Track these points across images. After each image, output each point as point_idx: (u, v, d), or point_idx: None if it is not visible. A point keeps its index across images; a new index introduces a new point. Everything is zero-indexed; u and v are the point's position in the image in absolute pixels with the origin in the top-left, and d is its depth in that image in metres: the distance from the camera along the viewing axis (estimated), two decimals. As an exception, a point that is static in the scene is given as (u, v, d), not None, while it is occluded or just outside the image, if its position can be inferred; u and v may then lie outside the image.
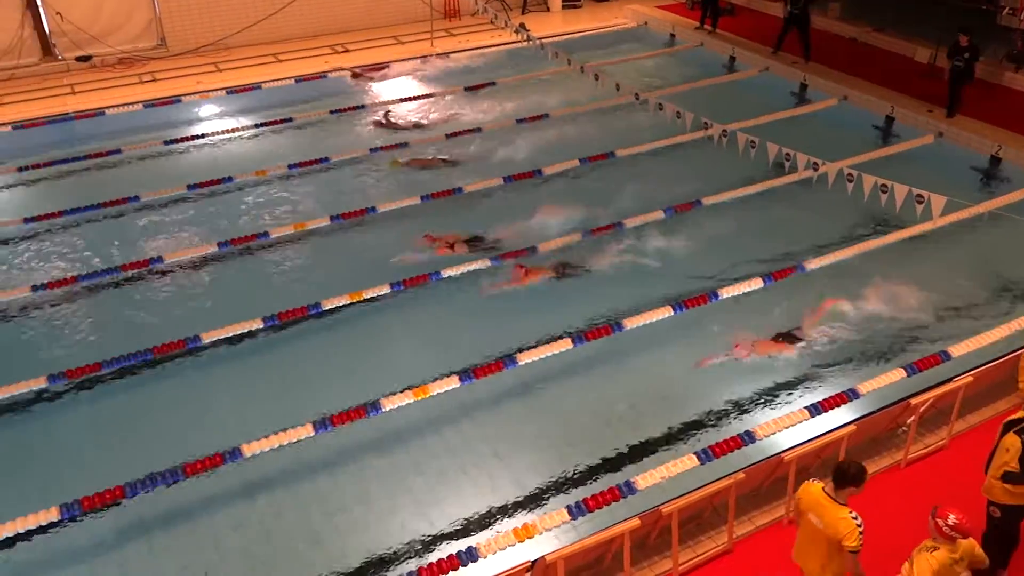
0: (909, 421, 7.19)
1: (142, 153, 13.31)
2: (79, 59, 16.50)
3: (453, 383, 8.06)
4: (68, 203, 11.56)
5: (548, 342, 8.67)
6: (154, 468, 7.13)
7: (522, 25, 15.80)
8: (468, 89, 15.50)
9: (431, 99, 15.25)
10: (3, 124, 13.93)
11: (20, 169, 12.73)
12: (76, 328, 9.42)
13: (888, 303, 9.30)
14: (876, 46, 16.76)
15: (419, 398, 7.91)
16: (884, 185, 9.64)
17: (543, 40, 15.47)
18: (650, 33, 18.62)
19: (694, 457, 6.95)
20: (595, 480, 7.27)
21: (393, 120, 14.40)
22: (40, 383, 8.21)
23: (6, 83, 15.81)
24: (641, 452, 7.55)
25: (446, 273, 9.79)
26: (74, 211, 11.39)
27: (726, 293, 9.38)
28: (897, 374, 7.91)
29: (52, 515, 6.68)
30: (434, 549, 6.67)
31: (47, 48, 16.40)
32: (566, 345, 8.57)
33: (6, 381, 8.14)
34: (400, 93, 15.51)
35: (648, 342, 8.89)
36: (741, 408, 8.05)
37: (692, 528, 6.65)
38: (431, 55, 16.86)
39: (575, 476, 7.35)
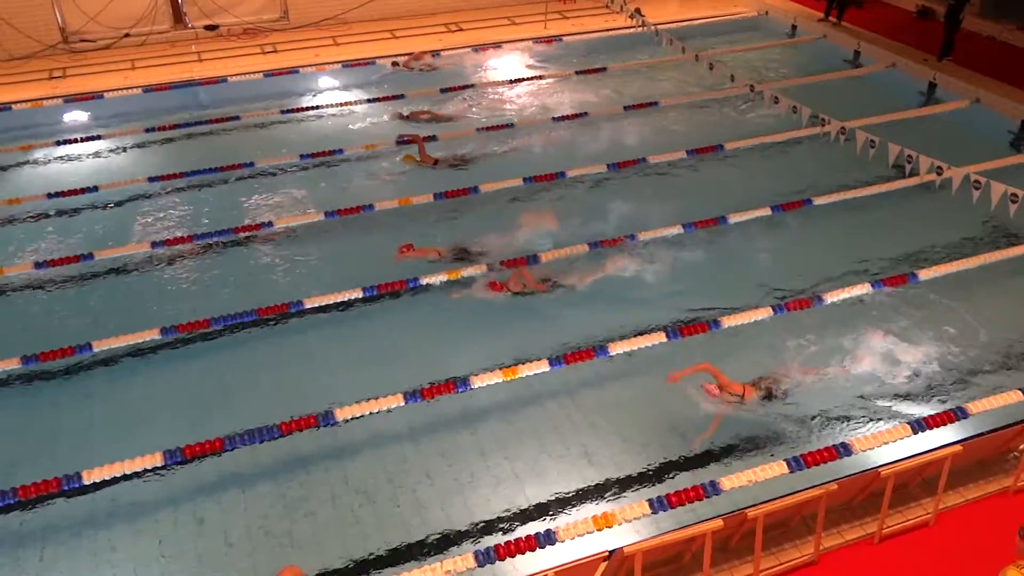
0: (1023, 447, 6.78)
1: (260, 121, 13.78)
2: (207, 28, 17.22)
3: (543, 366, 8.07)
4: (189, 165, 12.12)
5: (641, 334, 8.57)
6: (251, 424, 7.41)
7: (637, 10, 15.58)
8: (579, 73, 15.38)
9: (542, 82, 15.21)
10: (134, 87, 14.69)
11: (147, 130, 13.40)
12: (188, 285, 9.85)
13: (1006, 319, 8.76)
14: (1017, 45, 15.71)
15: (508, 378, 7.96)
16: (1015, 195, 9.06)
17: (658, 26, 15.20)
18: (770, 23, 18.01)
19: (784, 464, 6.73)
20: (678, 476, 7.15)
21: (408, 113, 14.01)
22: (154, 334, 8.66)
23: (139, 48, 16.65)
24: (728, 453, 7.38)
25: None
26: (194, 173, 11.92)
27: (831, 298, 9.04)
28: (1013, 396, 7.44)
29: (157, 460, 7.06)
30: (512, 528, 6.71)
31: (178, 16, 17.19)
32: (660, 338, 8.45)
33: (124, 331, 8.62)
34: (510, 75, 15.55)
35: (751, 343, 8.65)
36: (839, 418, 7.75)
37: (777, 535, 6.47)
38: (541, 37, 16.82)
39: (659, 470, 7.24)
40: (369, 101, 14.44)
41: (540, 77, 15.39)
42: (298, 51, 16.35)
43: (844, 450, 6.89)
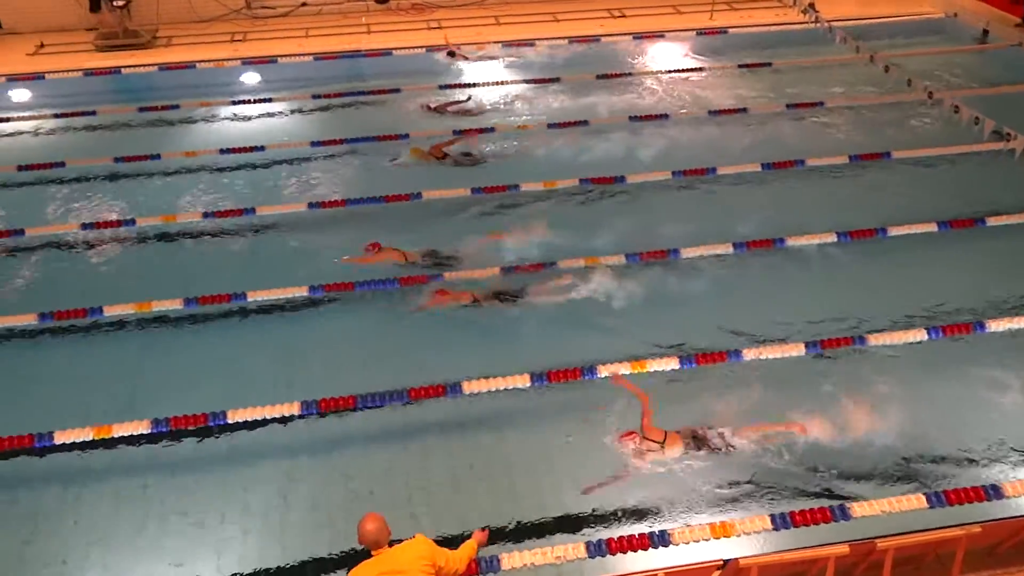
0: None
1: (418, 95, 14.16)
2: (378, 1, 17.82)
3: (673, 363, 7.93)
4: (349, 132, 12.62)
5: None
6: (383, 387, 7.69)
7: (811, 5, 14.88)
8: (742, 67, 14.87)
9: (702, 74, 14.82)
10: (306, 54, 15.44)
11: (314, 96, 14.05)
12: (337, 245, 10.21)
13: None
14: None
15: (636, 371, 7.87)
16: None
17: (832, 23, 14.47)
18: (958, 26, 16.72)
19: (923, 498, 6.33)
20: (804, 494, 6.84)
21: (436, 105, 13.72)
22: (302, 291, 9.12)
23: (314, 17, 17.46)
24: (864, 477, 6.98)
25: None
26: (353, 140, 12.41)
27: (995, 327, 8.36)
28: None
29: (294, 409, 7.46)
30: (627, 523, 6.64)
31: (352, -13, 17.91)
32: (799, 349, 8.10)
33: (275, 284, 9.13)
34: (671, 65, 15.25)
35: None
36: (992, 456, 7.18)
37: (907, 571, 6.10)
38: (704, 29, 16.36)
39: (785, 485, 6.96)
40: (526, 82, 14.53)
41: (699, 69, 15.00)
42: (461, 29, 16.65)
43: (994, 492, 6.40)
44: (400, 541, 5.58)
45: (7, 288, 9.50)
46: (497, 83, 14.53)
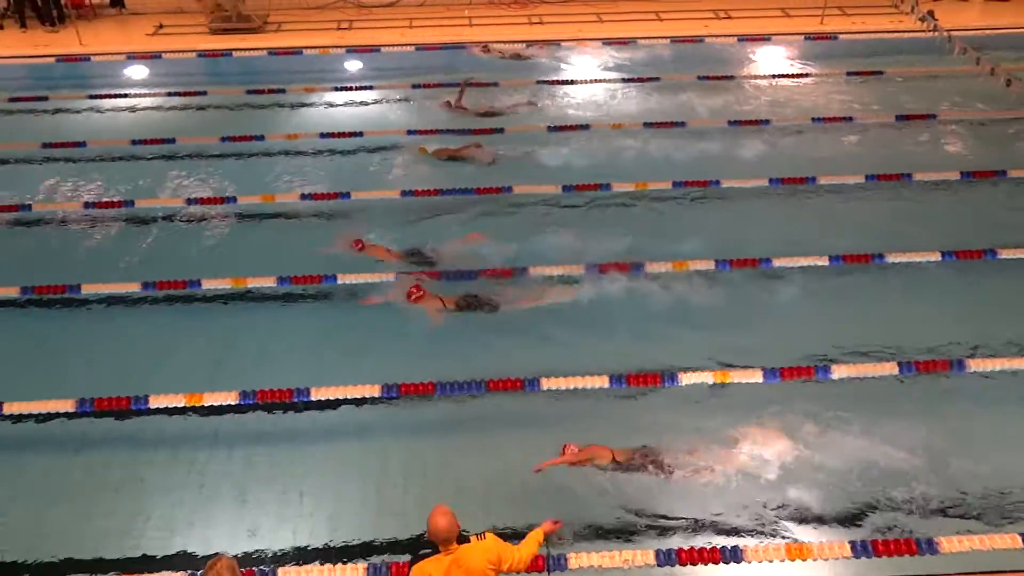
0: None
1: (515, 89, 14.19)
2: (482, -6, 17.98)
3: (756, 376, 7.73)
4: (444, 124, 12.78)
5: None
6: (463, 377, 7.76)
7: (930, 12, 14.24)
8: (851, 74, 14.34)
9: (808, 79, 14.38)
10: (408, 44, 15.68)
11: (413, 86, 14.27)
12: (434, 233, 10.26)
13: None
14: None
15: (720, 381, 7.71)
16: None
17: (951, 32, 13.80)
18: (1092, 40, 15.71)
19: (1019, 538, 5.99)
20: (888, 522, 6.55)
21: (464, 104, 13.35)
22: (388, 277, 9.27)
23: (419, 8, 17.70)
24: (957, 510, 6.64)
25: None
26: (448, 131, 12.55)
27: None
28: None
29: (375, 391, 7.62)
30: (699, 535, 6.50)
31: (457, -20, 18.09)
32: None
33: (365, 270, 9.32)
34: (776, 69, 14.85)
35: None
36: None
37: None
38: (813, 34, 15.84)
39: (868, 513, 6.68)
40: (625, 81, 14.38)
41: (805, 74, 14.54)
42: (562, 25, 16.61)
43: (1097, 539, 6.00)
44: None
45: (115, 256, 9.98)
46: (595, 80, 14.44)
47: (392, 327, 8.68)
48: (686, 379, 7.75)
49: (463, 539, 5.07)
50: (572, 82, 14.40)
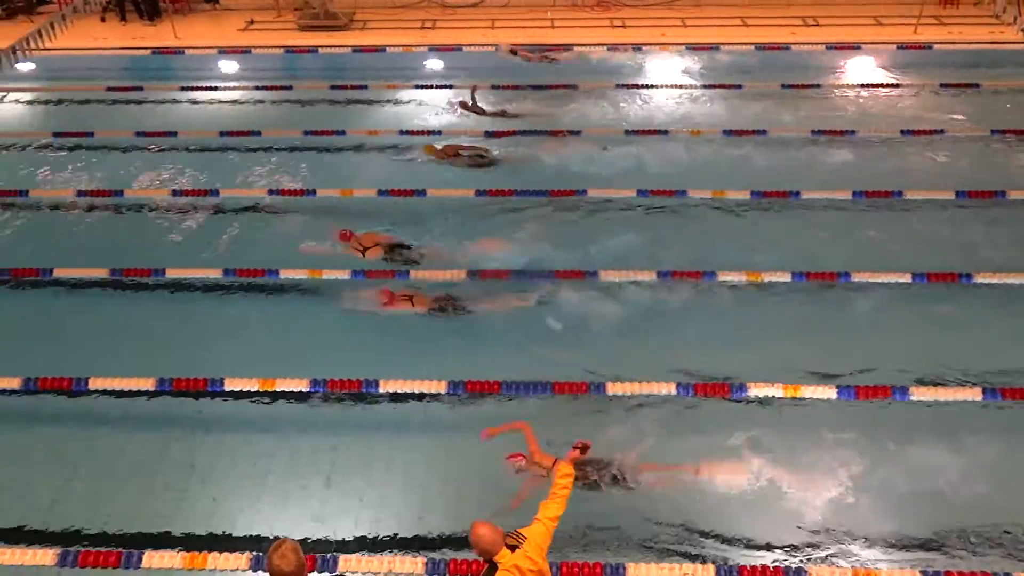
0: None
1: (595, 91, 14.12)
2: (565, -4, 17.98)
3: (831, 392, 7.51)
4: (522, 124, 12.82)
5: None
6: (528, 377, 7.78)
7: (1034, 24, 13.60)
8: (945, 86, 13.81)
9: (898, 90, 13.91)
10: (490, 45, 15.77)
11: (493, 86, 14.35)
12: (506, 231, 10.29)
13: None
14: None
15: (791, 395, 7.53)
16: None
17: (1056, 45, 13.17)
18: None
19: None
20: (961, 550, 6.29)
21: (479, 104, 13.31)
22: (460, 275, 9.33)
23: (502, 8, 17.80)
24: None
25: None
26: (526, 133, 12.58)
27: None
28: None
29: (441, 387, 7.71)
30: (762, 551, 6.36)
31: (542, -18, 18.12)
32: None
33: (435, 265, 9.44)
34: (865, 79, 14.42)
35: None
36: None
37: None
38: (907, 43, 15.31)
39: (942, 539, 6.42)
40: (704, 87, 14.18)
41: (896, 85, 14.07)
42: (644, 28, 16.48)
43: None
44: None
45: (199, 243, 10.31)
46: (675, 86, 14.27)
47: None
48: (755, 391, 7.59)
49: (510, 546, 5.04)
50: (652, 86, 14.25)
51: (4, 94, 14.52)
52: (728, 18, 16.84)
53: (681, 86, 14.27)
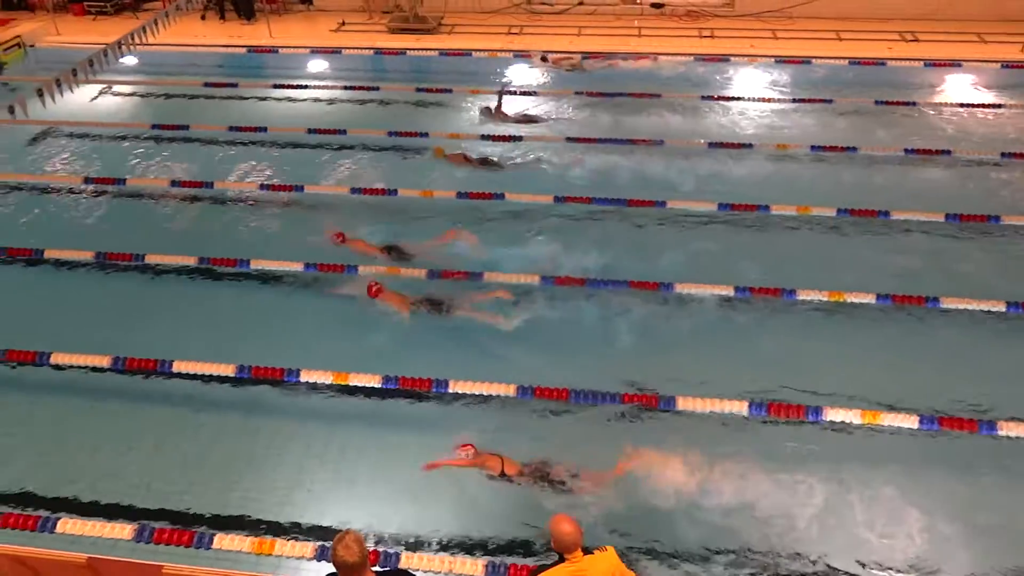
0: None
1: (677, 103, 13.94)
2: (653, 6, 17.82)
3: (912, 421, 7.23)
4: (605, 133, 12.76)
5: None
6: (600, 387, 7.74)
7: None
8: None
9: (1000, 110, 13.32)
10: (575, 52, 15.77)
11: (576, 92, 14.34)
12: (579, 240, 10.21)
13: None
14: None
15: (868, 422, 7.28)
16: None
17: None
18: None
19: None
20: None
21: (504, 110, 13.38)
22: (534, 279, 9.35)
23: (588, 16, 17.79)
24: None
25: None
26: (607, 141, 12.51)
27: None
28: None
29: (510, 390, 7.72)
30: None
31: (630, -9, 18.04)
32: None
33: (511, 269, 9.47)
34: (965, 98, 13.88)
35: None
36: None
37: None
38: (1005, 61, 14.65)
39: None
40: (793, 101, 13.86)
41: (998, 105, 13.48)
42: (734, 39, 16.21)
43: None
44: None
45: (282, 236, 10.58)
46: (763, 99, 14.00)
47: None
48: (832, 415, 7.37)
49: (586, 550, 5.00)
50: (738, 98, 14.02)
51: (108, 86, 15.22)
52: (822, 31, 16.42)
53: (769, 99, 14.00)
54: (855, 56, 15.13)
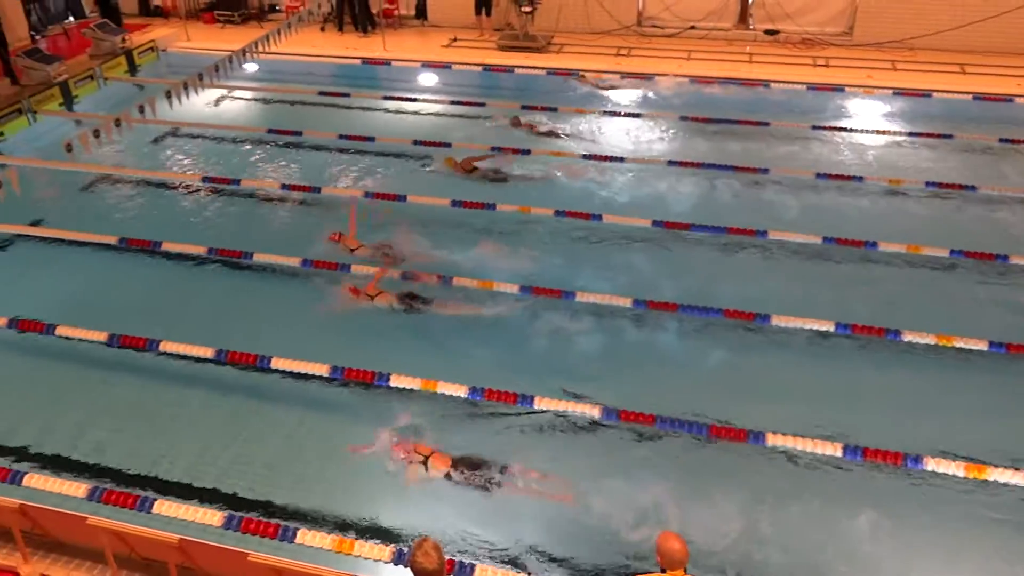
0: None
1: (788, 132, 13.66)
2: (767, 32, 17.51)
3: (1009, 476, 6.80)
4: (705, 157, 12.62)
5: None
6: (687, 413, 7.61)
7: None
8: None
9: None
10: (683, 75, 15.65)
11: (681, 118, 14.21)
12: (675, 265, 10.20)
13: None
14: None
15: (972, 475, 6.89)
16: None
17: None
18: None
19: None
20: None
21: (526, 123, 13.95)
22: (625, 302, 9.26)
23: (699, 41, 17.63)
24: None
25: None
26: (709, 166, 12.35)
27: None
28: None
29: (596, 412, 7.67)
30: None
31: (743, 17, 17.75)
32: None
33: (593, 288, 9.41)
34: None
35: None
36: None
37: None
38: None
39: None
40: (910, 135, 13.36)
41: None
42: (851, 69, 15.76)
43: None
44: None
45: (387, 249, 10.68)
46: (877, 132, 13.54)
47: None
48: (932, 465, 7.00)
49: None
50: (851, 130, 13.61)
51: (229, 91, 15.99)
52: (944, 64, 15.79)
53: (884, 132, 13.56)
54: (980, 91, 14.48)
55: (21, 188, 10.06)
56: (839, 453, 7.18)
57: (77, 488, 6.86)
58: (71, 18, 19.63)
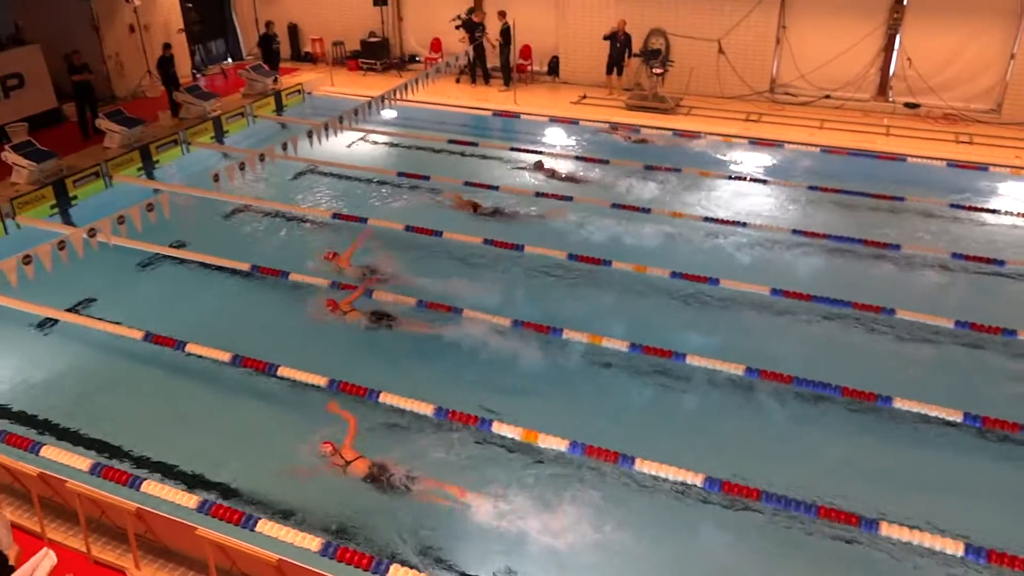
0: None
1: (923, 208, 13.11)
2: (907, 105, 16.92)
3: None
4: (831, 228, 12.26)
5: None
6: (796, 492, 7.31)
7: None
8: None
9: None
10: (814, 145, 15.31)
11: (810, 187, 13.86)
12: (793, 336, 9.97)
13: None
14: None
15: None
16: None
17: None
18: None
19: None
20: None
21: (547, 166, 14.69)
22: (738, 369, 9.02)
23: (833, 110, 17.23)
24: None
25: None
26: (835, 238, 11.99)
27: None
28: None
29: (697, 479, 7.45)
30: None
31: (883, 89, 17.22)
32: None
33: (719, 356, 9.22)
34: None
35: None
36: None
37: None
38: None
39: None
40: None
41: None
42: (996, 148, 15.02)
43: None
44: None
45: (505, 290, 10.91)
46: (1006, 213, 12.82)
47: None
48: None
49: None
50: (994, 211, 12.94)
51: (365, 134, 16.77)
52: (1018, 139, 14.85)
53: (1004, 213, 12.82)
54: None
55: (171, 213, 10.80)
56: (961, 552, 6.69)
57: (188, 499, 7.19)
58: (229, 60, 21.24)
